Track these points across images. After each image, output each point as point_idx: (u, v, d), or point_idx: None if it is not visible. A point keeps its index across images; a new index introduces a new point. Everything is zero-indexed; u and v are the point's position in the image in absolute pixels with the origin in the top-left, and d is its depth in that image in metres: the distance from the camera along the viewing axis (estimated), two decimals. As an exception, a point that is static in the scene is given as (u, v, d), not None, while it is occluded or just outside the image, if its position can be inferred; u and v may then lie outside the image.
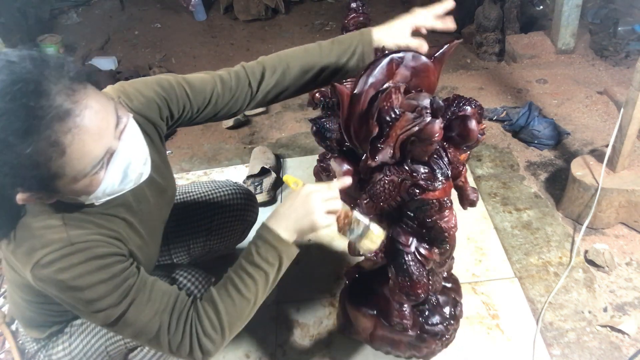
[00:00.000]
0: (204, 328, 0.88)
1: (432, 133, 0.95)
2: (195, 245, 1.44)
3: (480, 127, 1.45)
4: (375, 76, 1.03)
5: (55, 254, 0.81)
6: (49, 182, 0.76)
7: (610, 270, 1.61)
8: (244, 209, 1.49)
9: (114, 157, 0.80)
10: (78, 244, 0.83)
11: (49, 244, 0.82)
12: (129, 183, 0.86)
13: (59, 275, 0.81)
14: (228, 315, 0.90)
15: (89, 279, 0.82)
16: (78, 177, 0.76)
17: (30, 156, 0.70)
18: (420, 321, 1.30)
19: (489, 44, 3.18)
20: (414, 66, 1.08)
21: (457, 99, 1.47)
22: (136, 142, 0.85)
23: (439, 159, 1.06)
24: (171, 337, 0.87)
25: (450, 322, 1.31)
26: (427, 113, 0.95)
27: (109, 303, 0.84)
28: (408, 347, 1.36)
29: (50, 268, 0.81)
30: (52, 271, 0.81)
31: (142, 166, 0.88)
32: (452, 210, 1.11)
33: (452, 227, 1.10)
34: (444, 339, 1.32)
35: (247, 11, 4.03)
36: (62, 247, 0.82)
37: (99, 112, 0.76)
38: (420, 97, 0.97)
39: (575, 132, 2.26)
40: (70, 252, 0.82)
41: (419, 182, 1.04)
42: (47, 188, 0.77)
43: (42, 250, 0.81)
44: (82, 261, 0.82)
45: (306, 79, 1.11)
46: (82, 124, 0.73)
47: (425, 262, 1.16)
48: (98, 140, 0.76)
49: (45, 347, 1.14)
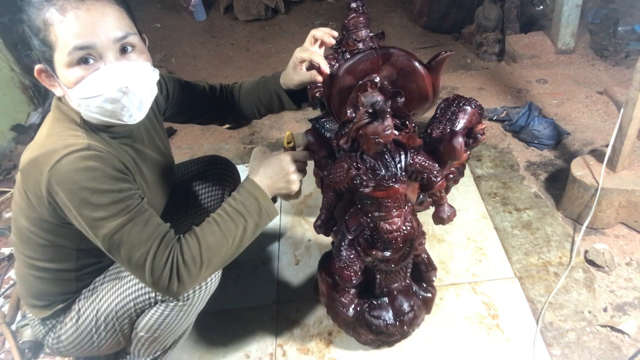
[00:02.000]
0: (184, 258, 0.95)
1: (367, 133, 0.99)
2: (179, 220, 1.46)
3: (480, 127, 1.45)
4: (354, 65, 1.08)
5: (76, 154, 0.89)
6: (47, 52, 0.89)
7: (610, 270, 1.61)
8: (221, 175, 1.52)
9: (103, 68, 0.90)
10: (96, 151, 0.92)
11: (70, 145, 0.90)
12: (116, 109, 0.94)
13: (75, 174, 0.88)
14: (207, 251, 0.97)
15: (100, 183, 0.90)
16: (63, 58, 0.88)
17: (31, 20, 0.87)
18: (364, 308, 1.32)
19: (489, 44, 3.19)
20: (402, 67, 1.10)
21: (457, 99, 1.47)
22: (136, 77, 0.94)
23: (391, 159, 1.07)
24: (155, 264, 0.93)
25: (394, 324, 1.31)
26: (367, 113, 0.98)
27: (111, 212, 0.91)
28: (345, 326, 1.38)
29: (69, 167, 0.88)
30: (70, 170, 0.88)
31: (137, 106, 0.97)
32: (403, 216, 1.11)
33: (391, 231, 1.10)
34: (381, 335, 1.33)
35: (247, 11, 4.03)
36: (83, 150, 0.90)
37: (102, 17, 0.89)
38: (369, 96, 0.99)
39: (575, 132, 2.26)
40: (89, 156, 0.90)
41: (361, 175, 1.06)
42: (48, 61, 0.90)
43: (64, 150, 0.89)
44: (97, 167, 0.90)
45: (254, 112, 1.39)
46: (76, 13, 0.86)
47: (363, 253, 1.18)
48: (85, 30, 0.87)
49: (52, 330, 1.15)
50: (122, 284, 1.10)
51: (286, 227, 1.91)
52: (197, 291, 1.09)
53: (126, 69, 0.92)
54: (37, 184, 0.91)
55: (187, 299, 1.09)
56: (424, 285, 1.40)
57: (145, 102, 0.99)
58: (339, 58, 1.66)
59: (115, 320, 1.12)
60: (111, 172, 0.92)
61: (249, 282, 1.70)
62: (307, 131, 1.50)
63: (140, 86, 0.95)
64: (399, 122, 1.07)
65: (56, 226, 1.00)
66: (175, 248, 0.95)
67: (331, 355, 1.45)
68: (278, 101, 1.32)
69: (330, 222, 1.25)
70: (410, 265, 1.30)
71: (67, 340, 1.14)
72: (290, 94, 1.30)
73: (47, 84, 0.95)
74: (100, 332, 1.13)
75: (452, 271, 1.66)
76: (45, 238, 1.03)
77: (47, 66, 0.92)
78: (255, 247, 1.83)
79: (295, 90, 1.29)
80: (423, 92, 1.13)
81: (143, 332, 1.14)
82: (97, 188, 0.89)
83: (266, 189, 1.08)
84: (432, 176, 1.12)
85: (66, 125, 0.96)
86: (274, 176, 1.10)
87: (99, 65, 0.90)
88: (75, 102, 0.93)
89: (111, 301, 1.11)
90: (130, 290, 1.09)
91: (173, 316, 1.11)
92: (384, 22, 3.86)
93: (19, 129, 2.74)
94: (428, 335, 1.46)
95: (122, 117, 0.95)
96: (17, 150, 2.67)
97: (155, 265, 0.93)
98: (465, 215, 1.87)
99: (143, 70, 0.96)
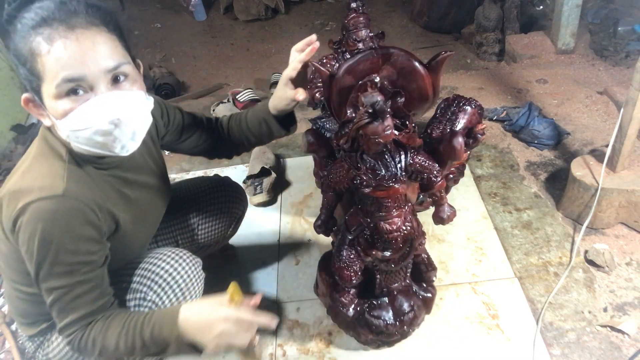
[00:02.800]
0: (86, 343, 0.96)
1: (367, 133, 0.99)
2: (183, 240, 1.45)
3: (480, 127, 1.45)
4: (354, 65, 1.08)
5: (47, 201, 0.87)
6: (35, 81, 0.85)
7: (610, 270, 1.61)
8: (230, 201, 1.49)
9: (93, 99, 0.86)
10: (72, 199, 0.90)
11: (45, 189, 0.88)
12: (107, 141, 0.90)
13: (40, 223, 0.87)
14: (104, 349, 0.96)
15: (61, 239, 0.89)
16: (51, 89, 0.84)
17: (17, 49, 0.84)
18: (364, 308, 1.32)
19: (489, 44, 3.19)
20: (402, 67, 1.10)
21: (457, 99, 1.47)
22: (128, 108, 0.90)
23: (390, 159, 1.06)
24: (68, 331, 0.96)
25: (394, 324, 1.31)
26: (367, 113, 0.98)
27: (60, 270, 0.91)
28: (345, 326, 1.38)
29: (37, 214, 0.87)
30: (36, 217, 0.87)
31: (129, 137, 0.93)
32: (403, 216, 1.11)
33: (391, 231, 1.10)
34: (381, 335, 1.33)
35: (247, 11, 4.03)
36: (56, 197, 0.88)
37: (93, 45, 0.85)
38: (369, 96, 0.99)
39: (575, 132, 2.26)
40: (59, 207, 0.88)
41: (362, 175, 1.06)
42: (35, 91, 0.87)
43: (38, 193, 0.88)
44: (64, 221, 0.89)
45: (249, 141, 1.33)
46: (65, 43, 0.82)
47: (363, 253, 1.17)
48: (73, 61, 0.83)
49: (41, 347, 1.16)
50: None
51: (286, 227, 1.91)
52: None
53: (118, 100, 0.88)
54: (8, 216, 0.91)
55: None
56: (424, 285, 1.40)
57: (138, 132, 0.95)
58: (339, 58, 1.66)
59: None
60: (77, 230, 0.90)
61: (249, 282, 1.70)
62: (307, 131, 1.50)
63: (132, 117, 0.90)
64: (399, 122, 1.07)
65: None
66: (89, 329, 0.96)
67: (331, 355, 1.45)
68: (267, 128, 1.25)
69: (330, 222, 1.25)
70: (410, 265, 1.30)
71: (55, 357, 1.15)
72: (280, 119, 1.24)
73: (36, 113, 0.92)
74: None
75: (452, 271, 1.66)
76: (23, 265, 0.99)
77: (35, 96, 0.89)
78: (255, 247, 1.83)
79: (284, 115, 1.24)
80: (423, 92, 1.13)
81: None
82: (57, 243, 0.89)
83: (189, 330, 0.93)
84: (432, 176, 1.12)
85: (49, 161, 0.93)
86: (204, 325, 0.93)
87: (89, 96, 0.86)
88: (64, 133, 0.90)
89: None
90: None
91: None
92: (384, 22, 3.86)
93: (19, 129, 2.75)
94: (428, 335, 1.46)
95: (113, 148, 0.91)
96: (17, 150, 2.67)
97: (68, 332, 0.96)
98: (465, 215, 1.87)
99: (136, 99, 0.91)
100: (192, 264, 1.15)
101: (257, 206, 2.01)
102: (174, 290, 1.10)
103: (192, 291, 1.14)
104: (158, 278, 1.10)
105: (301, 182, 2.14)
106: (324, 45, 1.37)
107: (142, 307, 1.09)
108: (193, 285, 1.14)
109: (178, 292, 1.11)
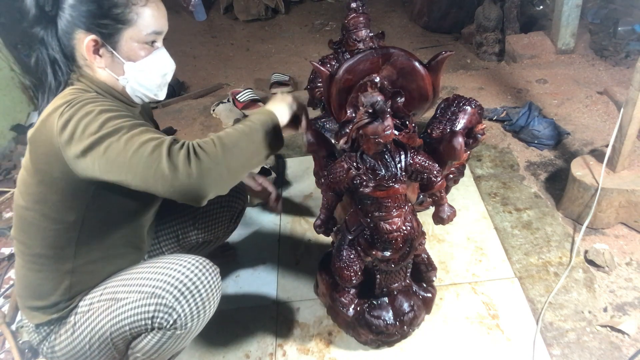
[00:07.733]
0: (199, 143, 0.95)
1: (367, 133, 0.99)
2: (184, 236, 1.45)
3: (480, 127, 1.45)
4: (354, 65, 1.09)
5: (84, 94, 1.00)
6: (114, 26, 0.99)
7: (610, 270, 1.61)
8: (230, 196, 1.50)
9: (155, 52, 1.06)
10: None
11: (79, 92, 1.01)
12: (161, 84, 1.11)
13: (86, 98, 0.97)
14: (226, 138, 0.97)
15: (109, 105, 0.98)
16: (138, 35, 1.01)
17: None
18: (364, 308, 1.32)
19: (489, 44, 3.19)
20: (402, 67, 1.10)
21: (457, 99, 1.47)
22: (169, 61, 1.11)
23: (390, 159, 1.06)
24: (172, 149, 0.91)
25: (394, 324, 1.31)
26: (367, 113, 0.98)
27: (120, 122, 0.94)
28: (345, 326, 1.38)
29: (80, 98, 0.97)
30: (80, 98, 0.97)
31: (161, 87, 1.12)
32: (403, 216, 1.11)
33: (391, 231, 1.10)
34: (381, 335, 1.33)
35: (247, 11, 4.04)
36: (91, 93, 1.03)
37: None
38: (369, 96, 0.99)
39: (575, 132, 2.26)
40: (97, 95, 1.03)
41: (361, 174, 1.06)
42: (109, 35, 0.99)
43: (72, 96, 0.98)
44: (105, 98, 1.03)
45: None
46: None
47: (363, 253, 1.17)
48: (161, 19, 1.05)
49: (47, 339, 1.15)
50: (119, 306, 1.08)
51: (286, 227, 1.91)
52: (196, 319, 1.08)
53: (164, 55, 1.10)
54: (50, 133, 0.94)
55: (185, 327, 1.07)
56: (424, 285, 1.40)
57: (166, 81, 1.14)
58: (339, 58, 1.66)
59: (110, 341, 1.11)
60: (119, 104, 1.03)
61: (249, 282, 1.70)
62: (308, 130, 1.49)
63: (168, 68, 1.11)
64: (399, 122, 1.07)
65: (65, 185, 0.99)
66: (188, 143, 0.95)
67: (331, 355, 1.45)
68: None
69: (330, 222, 1.25)
70: (410, 265, 1.30)
71: (61, 351, 1.14)
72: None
73: (92, 55, 1.01)
74: (93, 349, 1.13)
75: (452, 271, 1.66)
76: (47, 215, 1.02)
77: (104, 40, 1.00)
78: (255, 247, 1.83)
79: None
80: (423, 92, 1.14)
81: (139, 353, 1.13)
82: (106, 105, 0.97)
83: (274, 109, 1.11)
84: (432, 176, 1.12)
85: (82, 93, 1.02)
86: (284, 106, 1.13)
87: (156, 48, 1.06)
88: (130, 73, 1.04)
89: (106, 322, 1.09)
90: (127, 315, 1.07)
91: (170, 343, 1.10)
92: (384, 22, 3.86)
93: (19, 129, 2.74)
94: (428, 335, 1.46)
95: (158, 91, 1.11)
96: (17, 150, 2.67)
97: (172, 150, 0.91)
98: (465, 215, 1.87)
99: (168, 58, 1.13)
100: (214, 273, 1.13)
101: (256, 206, 2.01)
102: (194, 298, 1.07)
103: (211, 301, 1.11)
104: (178, 283, 1.06)
105: (301, 182, 2.15)
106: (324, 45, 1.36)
107: (161, 312, 1.05)
108: (213, 294, 1.11)
109: (199, 301, 1.07)
